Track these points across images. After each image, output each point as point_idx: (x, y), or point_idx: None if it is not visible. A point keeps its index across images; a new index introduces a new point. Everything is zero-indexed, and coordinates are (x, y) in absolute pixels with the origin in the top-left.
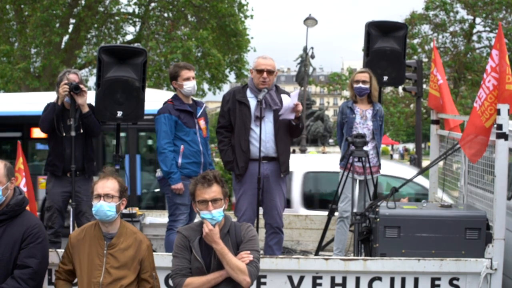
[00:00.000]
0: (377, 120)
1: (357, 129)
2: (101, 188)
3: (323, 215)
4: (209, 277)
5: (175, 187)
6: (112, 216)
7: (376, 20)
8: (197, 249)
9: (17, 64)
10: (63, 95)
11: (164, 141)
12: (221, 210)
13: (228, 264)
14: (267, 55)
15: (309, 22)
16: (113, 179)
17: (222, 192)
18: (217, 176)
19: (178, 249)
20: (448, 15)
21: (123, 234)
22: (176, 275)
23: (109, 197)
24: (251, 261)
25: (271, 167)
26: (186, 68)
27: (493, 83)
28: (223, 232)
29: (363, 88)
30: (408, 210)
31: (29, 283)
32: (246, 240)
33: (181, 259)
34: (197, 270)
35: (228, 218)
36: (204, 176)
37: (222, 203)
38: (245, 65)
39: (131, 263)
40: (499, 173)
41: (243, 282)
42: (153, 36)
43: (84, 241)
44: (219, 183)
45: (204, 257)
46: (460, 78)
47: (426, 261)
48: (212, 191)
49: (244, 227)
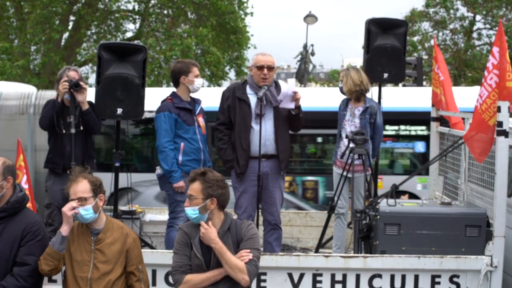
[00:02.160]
0: (366, 118)
1: (345, 126)
2: (73, 194)
3: (323, 213)
4: (209, 275)
5: (177, 186)
6: (92, 217)
7: (376, 17)
8: (197, 246)
9: (16, 61)
10: (63, 92)
11: (165, 140)
12: (196, 208)
13: (227, 263)
14: (266, 52)
15: (309, 19)
16: (82, 180)
17: (201, 190)
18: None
19: (179, 246)
20: (448, 12)
21: (109, 229)
22: (176, 272)
23: (83, 200)
24: (251, 260)
25: (271, 165)
26: (196, 65)
27: (495, 81)
28: (223, 229)
29: (340, 87)
30: (408, 207)
31: (28, 280)
32: (247, 238)
33: (181, 256)
34: (197, 267)
35: (229, 216)
36: (193, 171)
37: (198, 201)
38: (245, 62)
39: (118, 257)
40: (499, 171)
41: (241, 281)
42: (153, 33)
43: (72, 238)
44: (202, 182)
45: (204, 255)
46: (460, 75)
47: (426, 259)
48: (190, 188)
49: (245, 225)
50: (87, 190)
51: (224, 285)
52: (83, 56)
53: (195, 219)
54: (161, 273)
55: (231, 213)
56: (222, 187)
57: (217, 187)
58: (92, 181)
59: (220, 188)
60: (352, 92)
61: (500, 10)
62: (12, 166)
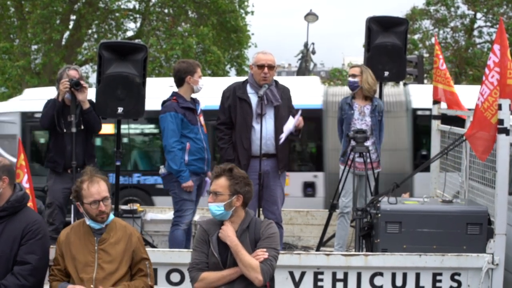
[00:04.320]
0: (376, 116)
1: (356, 125)
2: (97, 194)
3: (325, 211)
4: (224, 273)
5: (186, 185)
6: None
7: (377, 15)
8: (214, 244)
9: (17, 61)
10: (64, 92)
11: (172, 140)
12: (221, 205)
13: (241, 261)
14: (267, 50)
15: (310, 18)
16: (100, 180)
17: (228, 187)
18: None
19: (197, 243)
20: (449, 10)
21: (113, 228)
22: (192, 269)
23: (107, 199)
24: (266, 259)
25: (271, 163)
26: (199, 66)
27: (497, 78)
28: (242, 227)
29: (352, 82)
30: (409, 205)
31: (28, 279)
32: (265, 237)
33: (199, 253)
34: (213, 265)
35: (249, 214)
36: (219, 167)
37: (224, 198)
38: (245, 61)
39: (122, 256)
40: (500, 168)
41: (255, 280)
42: (154, 32)
43: (74, 239)
44: (229, 178)
45: (221, 253)
46: (461, 73)
47: (428, 257)
48: (215, 183)
49: (264, 223)
50: (107, 190)
51: (239, 284)
52: (83, 56)
53: (219, 215)
54: (162, 272)
55: (251, 211)
56: (248, 184)
57: (244, 184)
58: (106, 181)
59: (246, 185)
60: (372, 89)
61: (501, 7)
62: (8, 166)
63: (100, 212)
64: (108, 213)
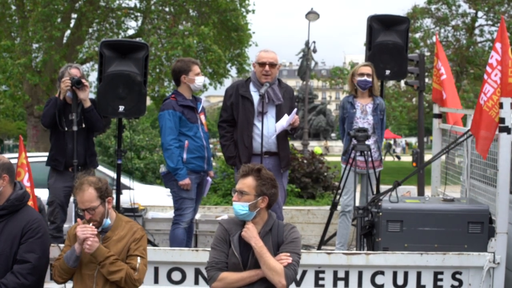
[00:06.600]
0: (378, 114)
1: (358, 124)
2: (81, 203)
3: (326, 210)
4: (245, 275)
5: (183, 183)
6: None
7: (378, 14)
8: (236, 244)
9: (18, 59)
10: (65, 90)
11: (170, 137)
12: (246, 205)
13: (265, 264)
14: (269, 49)
15: (311, 16)
16: (88, 188)
17: (254, 187)
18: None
19: (217, 241)
20: (450, 9)
21: (118, 226)
22: (211, 268)
23: (92, 209)
24: (289, 264)
25: (272, 162)
26: (196, 64)
27: (500, 77)
28: (265, 230)
29: (368, 81)
30: (410, 204)
31: (28, 278)
32: (288, 241)
33: (218, 252)
34: (233, 265)
35: (272, 216)
36: (247, 166)
37: (249, 198)
38: (246, 60)
39: (124, 253)
40: (501, 167)
41: (278, 285)
42: (155, 31)
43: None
44: (256, 178)
45: (242, 254)
46: (462, 72)
47: (429, 255)
48: (242, 182)
49: (287, 227)
50: (94, 198)
51: (259, 286)
52: (84, 54)
53: (243, 215)
54: (163, 270)
55: (274, 214)
56: (275, 187)
57: (270, 186)
58: (97, 187)
59: (273, 187)
60: (378, 87)
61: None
62: (7, 164)
63: (90, 219)
64: (98, 220)
